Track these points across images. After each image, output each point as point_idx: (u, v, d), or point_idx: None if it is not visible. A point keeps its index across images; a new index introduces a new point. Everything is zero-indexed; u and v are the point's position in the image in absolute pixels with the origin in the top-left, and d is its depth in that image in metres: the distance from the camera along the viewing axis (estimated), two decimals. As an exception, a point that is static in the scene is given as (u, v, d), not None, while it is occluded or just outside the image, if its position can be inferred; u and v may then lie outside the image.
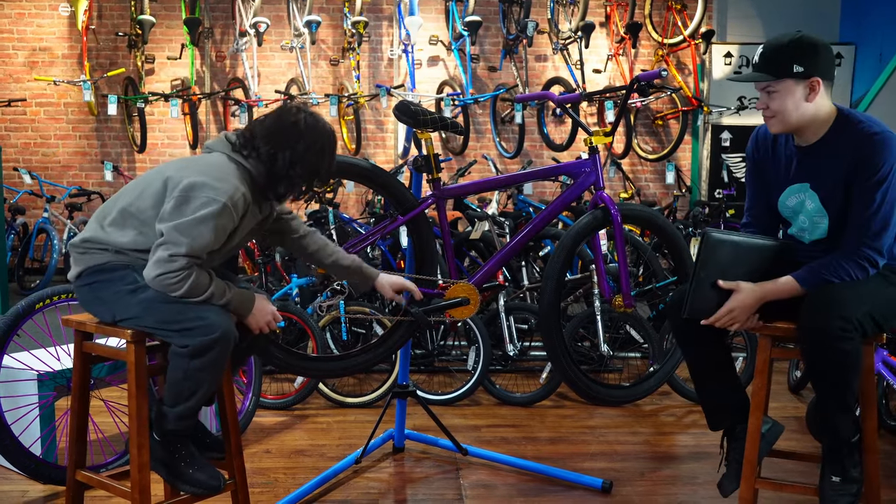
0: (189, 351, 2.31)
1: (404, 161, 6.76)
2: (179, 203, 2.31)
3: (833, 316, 2.28)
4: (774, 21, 7.97)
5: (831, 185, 2.45)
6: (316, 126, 2.48)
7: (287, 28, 7.79)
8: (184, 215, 2.30)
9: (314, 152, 2.47)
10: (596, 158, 3.18)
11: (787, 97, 2.41)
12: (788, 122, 2.44)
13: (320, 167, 2.50)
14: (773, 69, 2.40)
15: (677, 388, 4.44)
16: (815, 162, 2.48)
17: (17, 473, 3.29)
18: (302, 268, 5.14)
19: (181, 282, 2.29)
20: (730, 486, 2.59)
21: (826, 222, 2.49)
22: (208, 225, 2.30)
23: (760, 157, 2.65)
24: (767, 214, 2.68)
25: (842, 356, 2.29)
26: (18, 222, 7.41)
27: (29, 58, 7.91)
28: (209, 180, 2.33)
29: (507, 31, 7.74)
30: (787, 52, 2.39)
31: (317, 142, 2.47)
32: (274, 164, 2.43)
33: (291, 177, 2.46)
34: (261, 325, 2.51)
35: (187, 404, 2.39)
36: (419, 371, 4.74)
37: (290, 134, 2.44)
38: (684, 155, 8.23)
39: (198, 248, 2.30)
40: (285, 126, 2.45)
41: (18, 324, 3.17)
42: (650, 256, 4.85)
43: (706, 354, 2.65)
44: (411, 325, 3.13)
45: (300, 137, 2.44)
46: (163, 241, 2.30)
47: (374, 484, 3.35)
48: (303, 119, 2.47)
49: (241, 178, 2.40)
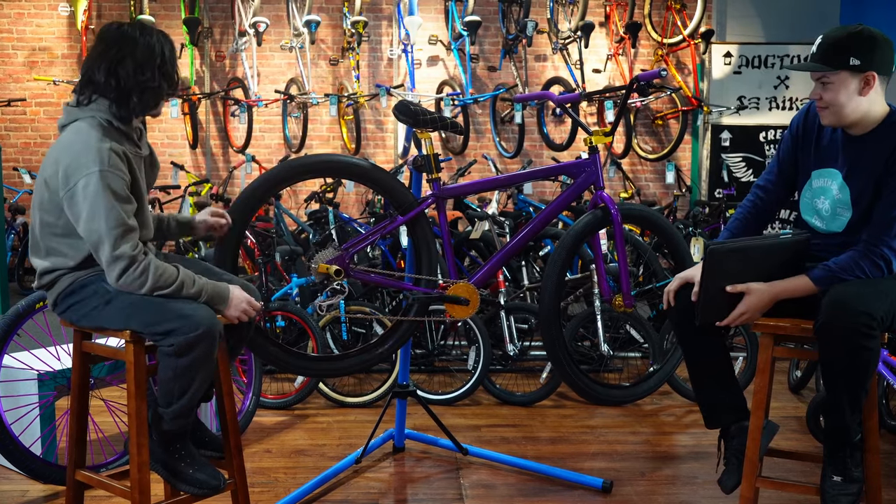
0: (175, 349, 2.30)
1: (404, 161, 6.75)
2: (70, 201, 2.27)
3: (858, 313, 2.25)
4: (774, 21, 7.97)
5: (866, 179, 2.43)
6: (142, 27, 2.39)
7: (286, 28, 7.78)
8: (81, 209, 2.26)
9: (151, 50, 2.36)
10: (596, 158, 3.18)
11: (841, 89, 2.39)
12: (841, 114, 2.42)
13: (166, 62, 2.40)
14: (830, 60, 2.39)
15: (677, 388, 4.44)
16: (858, 154, 2.46)
17: (17, 473, 3.29)
18: (302, 268, 5.14)
19: (142, 274, 2.28)
20: (730, 482, 2.59)
21: (848, 216, 2.47)
22: (103, 201, 2.24)
23: (804, 135, 2.61)
24: (780, 192, 2.68)
25: (865, 353, 2.28)
26: (18, 222, 7.41)
27: (28, 58, 7.90)
28: (73, 160, 2.27)
29: (507, 30, 7.73)
30: (845, 44, 2.38)
31: (150, 41, 2.37)
32: (119, 81, 2.34)
33: (143, 83, 2.36)
34: (237, 315, 2.46)
35: (181, 403, 2.39)
36: (419, 371, 4.74)
37: (119, 46, 2.35)
38: (684, 155, 8.23)
39: (116, 229, 2.25)
40: (111, 42, 2.36)
41: (18, 323, 3.17)
42: (650, 256, 4.84)
43: (706, 354, 2.64)
44: (411, 324, 3.12)
45: (131, 42, 2.35)
46: (92, 246, 2.29)
47: (375, 484, 3.35)
48: (125, 28, 2.38)
49: (98, 135, 2.30)
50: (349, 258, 2.99)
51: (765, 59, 7.96)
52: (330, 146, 8.10)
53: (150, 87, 2.38)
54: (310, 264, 3.15)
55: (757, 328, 2.50)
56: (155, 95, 2.41)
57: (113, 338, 2.50)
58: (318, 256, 2.98)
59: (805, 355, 3.36)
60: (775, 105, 8.00)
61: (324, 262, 2.95)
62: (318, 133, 8.06)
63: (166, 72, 2.41)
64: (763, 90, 8.00)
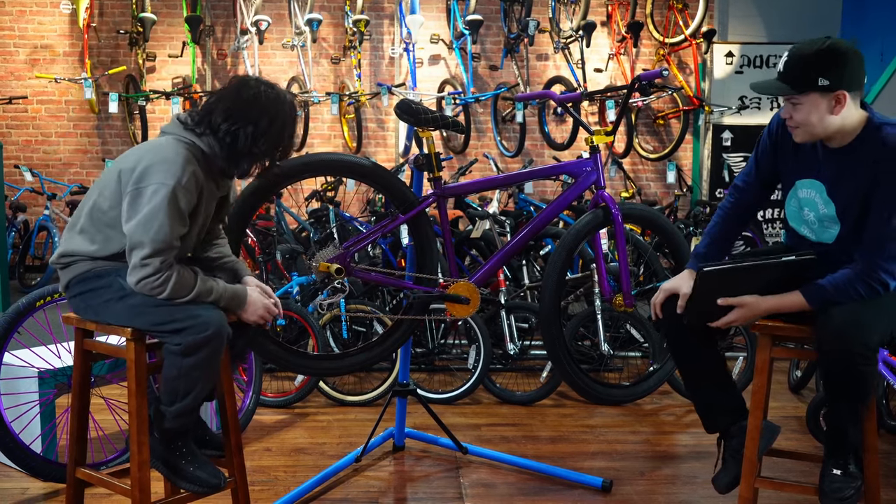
0: (182, 349, 2.31)
1: (405, 160, 6.76)
2: (133, 198, 2.30)
3: (855, 342, 2.24)
4: (776, 20, 7.97)
5: (850, 193, 2.36)
6: (277, 98, 2.42)
7: (288, 26, 7.78)
8: (139, 211, 2.29)
9: (277, 126, 2.41)
10: (597, 157, 3.18)
11: (811, 110, 2.30)
12: (813, 133, 2.34)
13: (283, 140, 2.45)
14: (797, 81, 2.29)
15: (677, 387, 4.44)
16: (839, 167, 2.38)
17: (18, 470, 3.30)
18: (303, 266, 5.14)
19: (163, 284, 2.29)
20: (724, 480, 2.58)
21: (837, 229, 2.42)
22: (163, 214, 2.27)
23: (782, 140, 2.52)
24: (758, 191, 2.63)
25: (863, 378, 2.29)
26: (19, 220, 7.41)
27: (30, 55, 7.91)
28: (155, 165, 2.30)
29: (509, 29, 7.73)
30: (812, 64, 2.26)
31: (279, 115, 2.41)
32: (235, 141, 2.38)
33: (255, 153, 2.41)
34: (256, 319, 2.50)
35: (184, 402, 2.39)
36: (419, 369, 4.74)
37: (250, 109, 2.38)
38: (685, 154, 8.23)
39: (161, 242, 2.28)
40: (245, 101, 2.39)
41: (19, 321, 3.18)
42: (651, 256, 4.84)
43: (699, 361, 2.63)
44: (412, 323, 3.13)
45: (262, 112, 2.38)
46: (130, 245, 2.31)
47: (375, 482, 3.36)
48: (263, 92, 2.40)
49: (189, 157, 2.34)
50: (350, 257, 3.00)
51: (766, 58, 7.95)
52: (331, 145, 8.10)
53: (257, 155, 2.42)
54: (310, 263, 3.16)
55: (755, 329, 2.50)
56: (256, 162, 2.46)
57: (114, 335, 2.50)
58: (318, 255, 2.99)
59: (805, 355, 3.35)
60: (776, 105, 7.99)
61: (324, 260, 2.96)
62: (320, 132, 8.06)
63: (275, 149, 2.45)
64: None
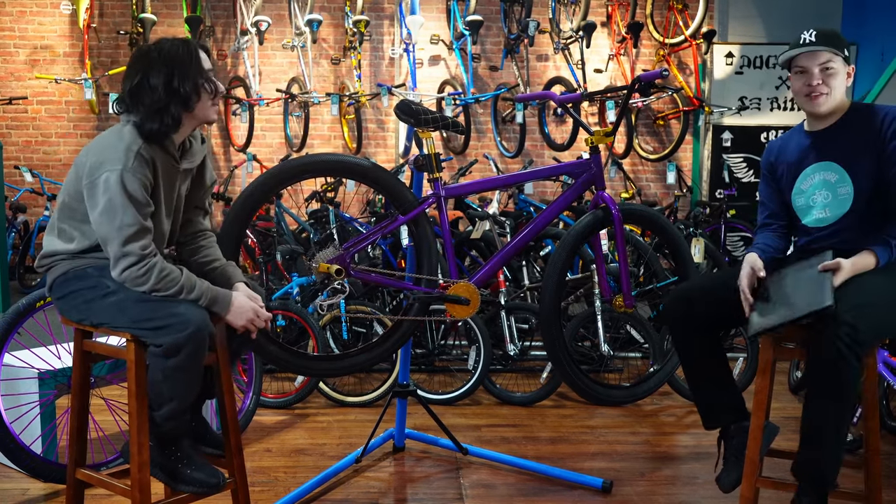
0: (164, 350, 2.29)
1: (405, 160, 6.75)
2: (90, 192, 2.32)
3: (851, 356, 2.24)
4: (776, 21, 7.97)
5: (852, 154, 2.51)
6: (160, 43, 2.41)
7: (288, 27, 7.78)
8: (97, 203, 2.30)
9: (170, 64, 2.37)
10: (597, 158, 3.18)
11: (840, 76, 2.52)
12: (835, 100, 2.53)
13: (188, 72, 2.40)
14: (839, 47, 2.51)
15: (677, 388, 4.44)
16: (834, 141, 2.56)
17: (18, 471, 3.30)
18: (303, 267, 5.14)
19: (146, 273, 2.30)
20: (728, 480, 2.59)
21: (851, 189, 2.51)
22: (119, 200, 2.28)
23: (776, 166, 2.71)
24: (783, 212, 2.73)
25: (848, 370, 2.26)
26: (19, 220, 7.41)
27: (30, 56, 7.91)
28: (101, 154, 2.32)
29: (509, 30, 7.73)
30: (838, 37, 2.53)
31: (166, 54, 2.38)
32: (143, 97, 2.36)
33: (169, 99, 2.37)
34: (243, 325, 2.47)
35: (171, 406, 2.37)
36: (420, 370, 4.74)
37: (139, 63, 2.38)
38: (685, 155, 8.23)
39: (129, 227, 2.28)
40: (135, 59, 2.41)
41: (19, 322, 3.18)
42: (651, 256, 4.84)
43: (703, 355, 2.65)
44: (412, 324, 3.12)
45: (150, 61, 2.37)
46: (101, 239, 2.33)
47: (375, 483, 3.35)
48: (148, 46, 2.43)
49: (132, 137, 2.34)
50: (350, 257, 2.99)
51: (766, 59, 7.95)
52: (331, 145, 8.10)
53: (174, 100, 2.38)
54: (310, 263, 3.15)
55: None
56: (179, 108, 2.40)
57: (114, 336, 2.50)
58: (318, 256, 2.98)
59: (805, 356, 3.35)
60: (777, 105, 7.99)
61: (324, 261, 2.95)
62: (320, 132, 8.06)
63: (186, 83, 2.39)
64: (764, 90, 8.00)
